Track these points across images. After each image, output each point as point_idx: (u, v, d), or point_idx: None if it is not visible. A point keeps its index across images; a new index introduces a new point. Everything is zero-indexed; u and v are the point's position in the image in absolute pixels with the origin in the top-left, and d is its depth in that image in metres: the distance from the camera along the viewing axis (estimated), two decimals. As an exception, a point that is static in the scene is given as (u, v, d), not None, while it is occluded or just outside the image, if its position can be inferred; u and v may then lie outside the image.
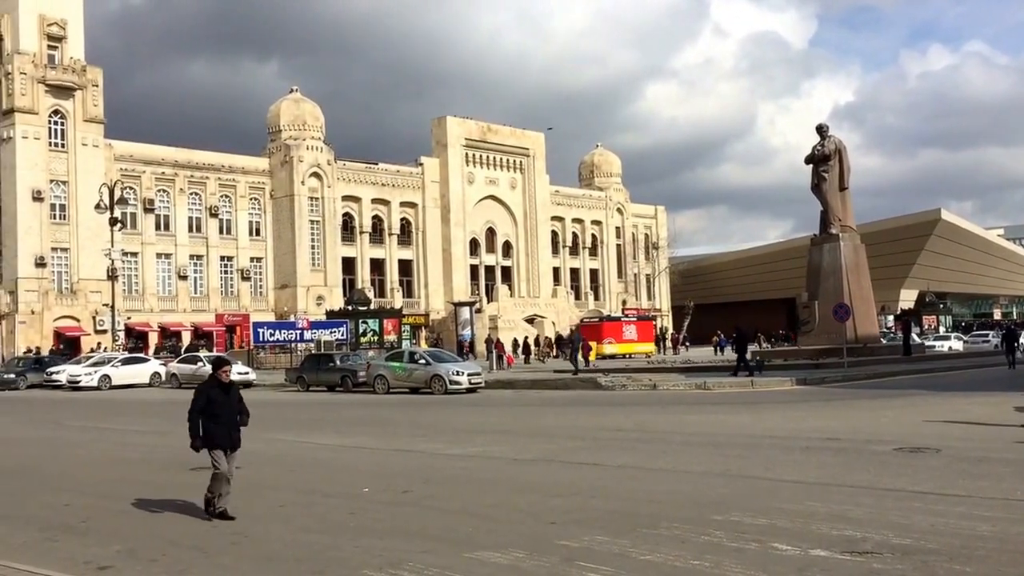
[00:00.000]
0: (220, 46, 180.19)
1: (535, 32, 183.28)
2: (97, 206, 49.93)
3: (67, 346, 62.39)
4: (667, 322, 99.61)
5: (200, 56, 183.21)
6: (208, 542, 10.06)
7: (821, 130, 42.70)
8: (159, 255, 72.33)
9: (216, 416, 11.03)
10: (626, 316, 74.12)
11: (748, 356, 37.12)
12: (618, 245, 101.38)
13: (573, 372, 38.99)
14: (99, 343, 53.70)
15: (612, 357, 60.76)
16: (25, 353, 57.04)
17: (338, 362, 39.01)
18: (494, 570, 8.67)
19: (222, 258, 75.63)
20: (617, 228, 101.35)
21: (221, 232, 75.47)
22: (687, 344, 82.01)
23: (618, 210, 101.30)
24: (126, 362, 45.80)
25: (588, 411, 25.17)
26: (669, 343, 79.23)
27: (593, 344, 57.22)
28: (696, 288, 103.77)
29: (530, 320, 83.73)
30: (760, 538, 9.45)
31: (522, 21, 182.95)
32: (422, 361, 34.63)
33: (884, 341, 50.70)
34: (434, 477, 14.21)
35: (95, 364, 44.70)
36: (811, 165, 42.67)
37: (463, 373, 33.84)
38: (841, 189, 42.14)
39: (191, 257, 73.86)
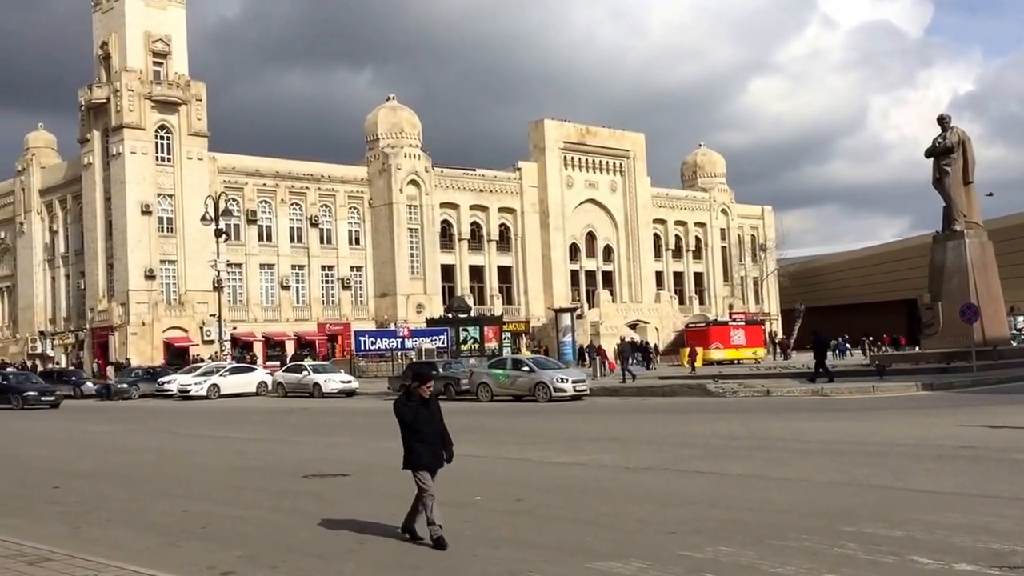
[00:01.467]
0: (315, 57, 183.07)
1: (631, 28, 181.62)
2: (203, 218, 50.93)
3: (176, 356, 63.85)
4: (776, 326, 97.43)
5: (295, 67, 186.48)
6: (327, 549, 9.94)
7: (943, 121, 40.99)
8: (262, 266, 73.67)
9: (419, 433, 10.08)
10: (734, 320, 72.80)
11: (827, 362, 36.51)
12: (723, 247, 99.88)
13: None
14: (214, 353, 54.76)
15: (719, 363, 59.68)
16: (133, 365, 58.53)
17: (440, 370, 38.96)
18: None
19: (323, 268, 76.69)
20: (722, 230, 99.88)
21: (322, 242, 76.53)
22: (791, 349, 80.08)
23: (723, 211, 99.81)
24: (234, 372, 46.59)
25: (699, 418, 24.59)
26: (779, 348, 77.24)
27: (700, 350, 56.34)
28: (807, 290, 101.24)
29: (633, 326, 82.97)
30: (898, 551, 8.92)
31: (617, 17, 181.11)
32: (526, 368, 34.37)
33: (1014, 344, 48.65)
34: (546, 486, 13.91)
35: (204, 374, 45.56)
36: (932, 159, 40.86)
37: (567, 380, 33.48)
38: (965, 183, 40.31)
39: (293, 267, 75.07)
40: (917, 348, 55.19)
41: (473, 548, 9.75)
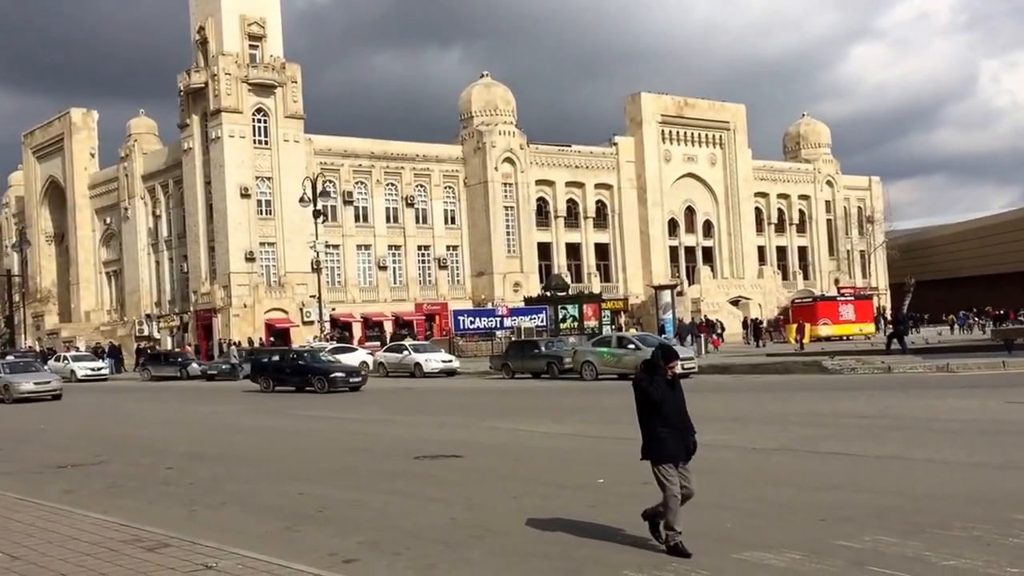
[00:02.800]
0: (403, 37, 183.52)
1: (727, 1, 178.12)
2: (301, 199, 51.05)
3: (277, 338, 64.46)
4: (884, 301, 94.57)
5: (384, 49, 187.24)
6: (450, 535, 9.43)
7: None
8: (359, 247, 73.93)
9: (666, 418, 8.60)
10: (842, 295, 70.68)
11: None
12: (828, 220, 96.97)
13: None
14: (324, 334, 55.02)
15: (827, 339, 57.91)
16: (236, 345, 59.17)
17: (543, 348, 38.43)
18: (772, 574, 7.63)
19: (419, 247, 76.68)
20: (827, 202, 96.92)
21: (417, 222, 76.50)
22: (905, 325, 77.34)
23: (828, 183, 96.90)
24: (335, 352, 46.61)
25: (819, 396, 23.57)
26: (889, 324, 74.49)
27: (807, 326, 54.70)
28: (917, 264, 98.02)
29: (735, 302, 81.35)
30: (1085, 541, 8.04)
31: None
32: (631, 346, 33.56)
33: None
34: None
35: (306, 354, 45.62)
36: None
37: (676, 356, 32.55)
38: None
39: (389, 248, 75.19)
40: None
41: (604, 535, 9.13)
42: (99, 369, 52.12)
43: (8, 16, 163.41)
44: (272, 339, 64.03)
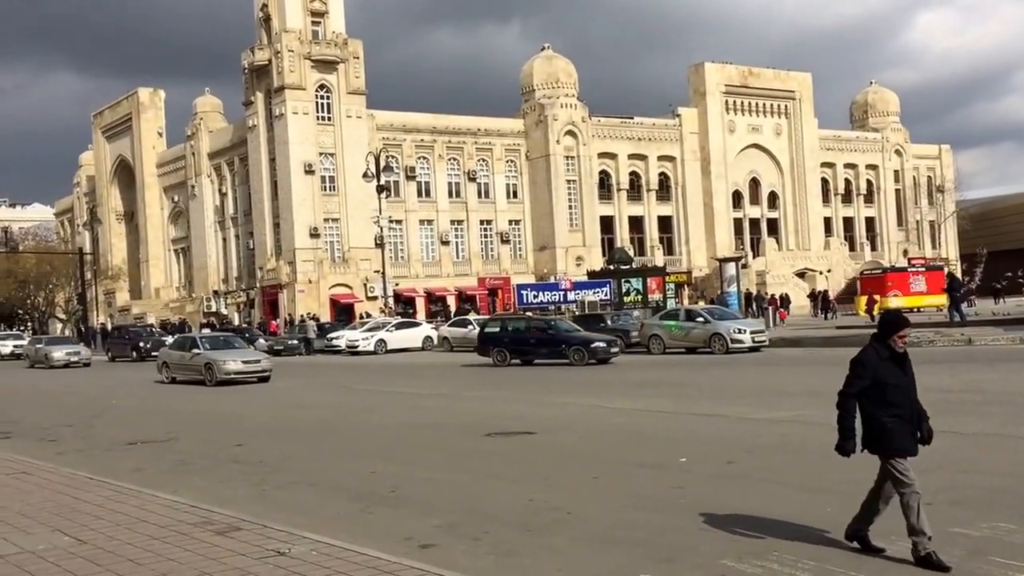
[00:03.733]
0: (461, 13, 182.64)
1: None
2: (364, 175, 50.92)
3: (341, 313, 64.61)
4: (955, 272, 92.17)
5: (442, 25, 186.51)
6: (530, 519, 8.96)
7: None
8: (422, 222, 73.85)
9: (891, 404, 7.15)
10: (913, 266, 68.92)
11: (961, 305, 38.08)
12: (897, 190, 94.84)
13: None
14: (387, 308, 55.03)
15: (899, 310, 56.30)
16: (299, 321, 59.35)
17: (609, 322, 37.80)
18: (883, 566, 7.06)
19: (481, 222, 76.37)
20: (896, 172, 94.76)
21: (479, 196, 76.17)
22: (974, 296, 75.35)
23: (896, 152, 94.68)
24: (400, 327, 46.53)
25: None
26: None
27: (877, 297, 53.38)
28: (989, 234, 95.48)
29: (801, 274, 79.89)
30: None
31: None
32: (700, 319, 32.86)
33: None
34: (754, 446, 12.61)
35: (371, 329, 45.62)
36: None
37: (745, 331, 31.86)
38: None
39: (452, 222, 75.00)
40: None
41: (695, 520, 8.59)
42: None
43: (75, 1, 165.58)
44: (337, 314, 64.21)
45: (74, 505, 9.71)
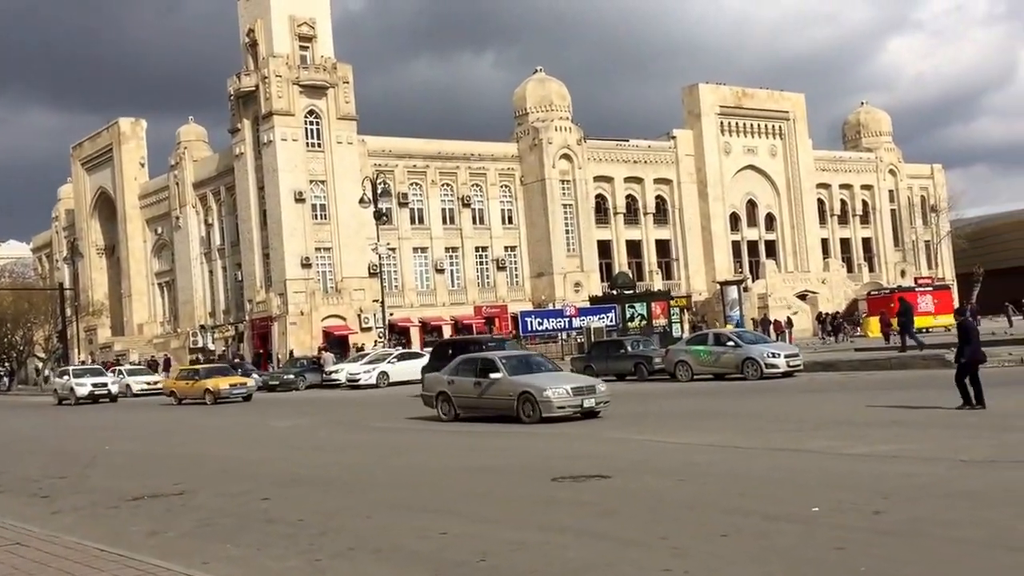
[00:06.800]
0: (438, 43, 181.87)
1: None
2: (361, 200, 49.04)
3: (335, 345, 62.38)
4: (952, 291, 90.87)
5: (422, 54, 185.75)
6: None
7: None
8: (415, 249, 71.95)
9: None
10: (920, 286, 67.43)
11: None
12: (892, 210, 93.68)
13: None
14: (383, 340, 52.93)
15: (920, 331, 54.55)
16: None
17: (630, 348, 35.91)
18: None
19: (477, 249, 74.53)
20: (890, 192, 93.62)
21: (474, 222, 74.37)
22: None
23: (890, 171, 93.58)
24: (402, 358, 44.51)
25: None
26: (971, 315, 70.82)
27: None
28: (985, 253, 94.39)
29: (802, 296, 78.36)
30: None
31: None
32: (731, 343, 30.96)
33: None
34: (885, 489, 10.60)
35: (372, 361, 43.61)
36: None
37: (780, 355, 30.03)
38: None
39: (446, 250, 73.12)
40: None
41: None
42: (155, 383, 50.31)
43: (50, 32, 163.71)
44: (329, 346, 62.01)
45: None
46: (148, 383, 49.77)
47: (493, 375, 20.74)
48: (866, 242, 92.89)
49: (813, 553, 8.06)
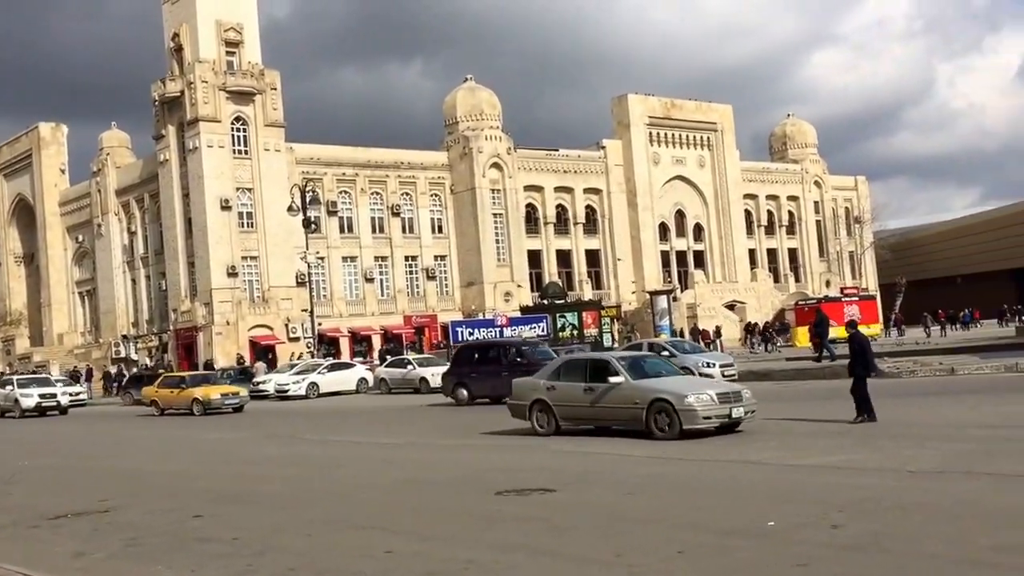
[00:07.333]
0: (365, 52, 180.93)
1: (685, 8, 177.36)
2: (290, 208, 48.25)
3: (261, 356, 61.34)
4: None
5: (349, 62, 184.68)
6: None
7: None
8: (344, 258, 71.14)
9: None
10: (846, 296, 68.45)
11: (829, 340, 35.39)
12: (818, 221, 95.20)
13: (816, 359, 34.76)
14: (312, 350, 52.11)
15: (833, 341, 55.44)
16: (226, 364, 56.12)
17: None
18: None
19: (406, 258, 73.96)
20: (816, 203, 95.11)
21: (404, 231, 73.80)
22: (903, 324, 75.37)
23: (816, 183, 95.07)
24: (332, 368, 43.85)
25: (909, 403, 21.16)
26: (896, 324, 72.05)
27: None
28: (909, 264, 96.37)
29: (730, 306, 79.11)
30: None
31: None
32: (665, 353, 30.90)
33: None
34: (840, 502, 10.35)
35: (302, 372, 42.86)
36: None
37: (715, 364, 30.16)
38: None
39: (376, 259, 72.44)
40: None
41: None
42: (77, 394, 48.78)
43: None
44: (256, 357, 60.97)
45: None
46: (71, 395, 48.16)
47: (613, 379, 17.52)
48: (792, 252, 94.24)
49: (775, 570, 7.85)
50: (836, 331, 59.76)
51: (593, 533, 9.72)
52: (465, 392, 28.84)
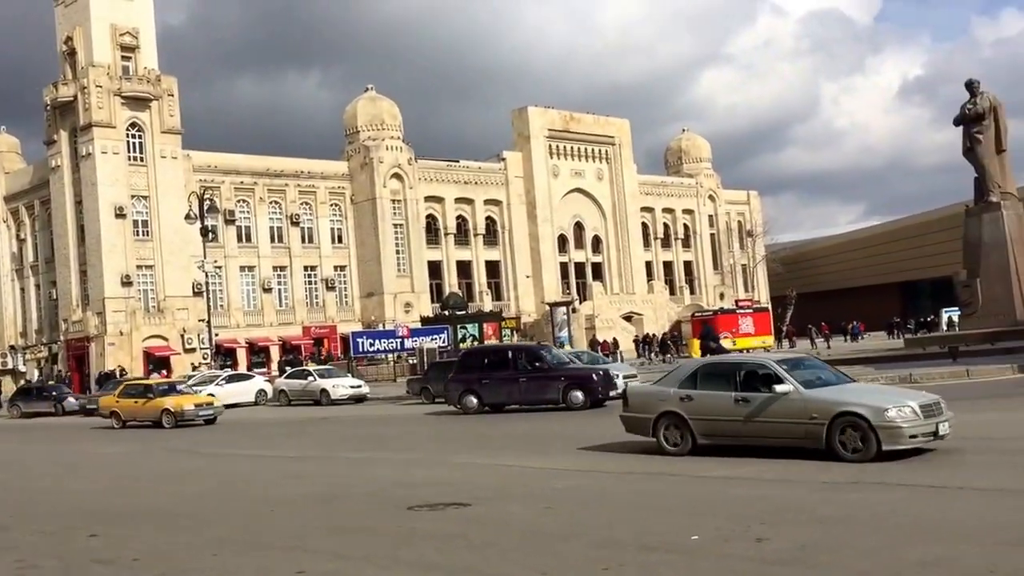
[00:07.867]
0: (263, 61, 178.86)
1: (582, 25, 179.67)
2: (187, 216, 47.34)
3: (157, 367, 60.15)
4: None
5: (246, 71, 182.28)
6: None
7: (971, 87, 38.20)
8: (242, 268, 70.19)
9: None
10: (740, 308, 70.04)
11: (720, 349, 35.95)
12: (712, 235, 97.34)
13: None
14: (210, 361, 51.21)
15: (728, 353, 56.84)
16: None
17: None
18: None
19: (306, 268, 73.31)
20: (710, 216, 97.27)
21: (303, 241, 73.15)
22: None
23: (710, 197, 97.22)
24: (231, 380, 43.22)
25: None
26: (788, 336, 73.90)
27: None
28: (799, 277, 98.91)
29: (627, 318, 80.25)
30: None
31: (569, 15, 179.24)
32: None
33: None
34: (758, 514, 10.45)
35: (199, 383, 42.10)
36: (961, 127, 38.46)
37: (619, 375, 30.43)
38: (999, 152, 37.86)
39: (274, 269, 71.64)
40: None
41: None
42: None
43: None
44: (150, 368, 59.73)
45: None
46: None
47: (778, 387, 14.48)
48: (687, 265, 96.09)
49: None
50: (730, 342, 61.65)
51: (515, 550, 9.84)
52: (475, 400, 28.07)
